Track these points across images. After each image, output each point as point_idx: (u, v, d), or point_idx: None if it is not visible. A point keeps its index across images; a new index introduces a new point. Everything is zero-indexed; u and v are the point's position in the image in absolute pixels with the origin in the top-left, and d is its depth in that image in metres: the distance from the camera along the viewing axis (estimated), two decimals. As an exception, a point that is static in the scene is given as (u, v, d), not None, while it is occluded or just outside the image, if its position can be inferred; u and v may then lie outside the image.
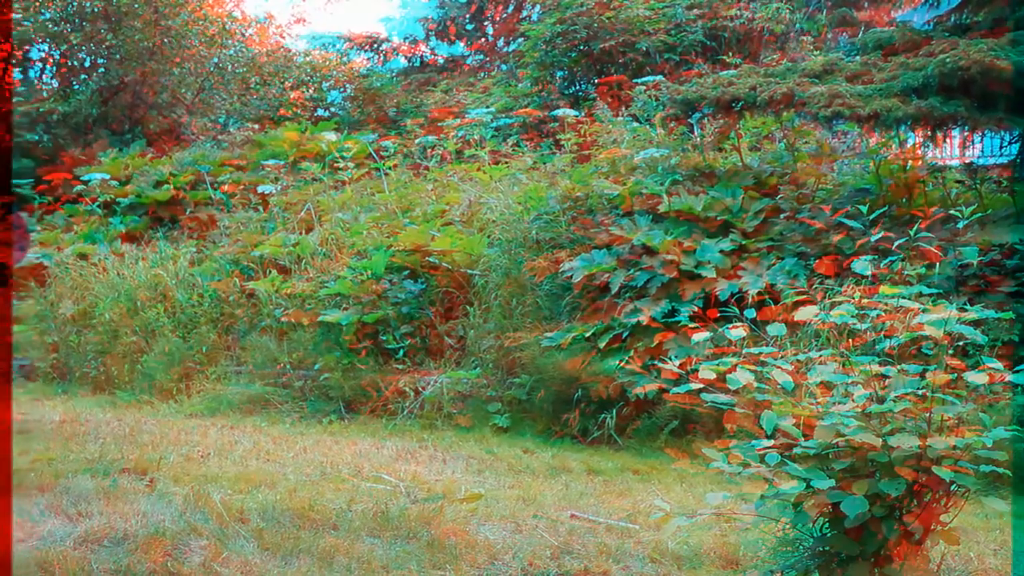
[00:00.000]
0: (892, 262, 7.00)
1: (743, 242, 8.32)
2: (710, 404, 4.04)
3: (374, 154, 13.18)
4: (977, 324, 4.12)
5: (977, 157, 10.61)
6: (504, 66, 18.96)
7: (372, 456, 7.07)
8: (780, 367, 3.98)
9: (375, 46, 21.49)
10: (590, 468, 6.88)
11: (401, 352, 9.30)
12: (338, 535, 4.84)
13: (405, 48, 21.72)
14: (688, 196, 8.74)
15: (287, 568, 4.38)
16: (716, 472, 4.11)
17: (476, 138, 12.65)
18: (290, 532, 4.85)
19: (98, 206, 13.65)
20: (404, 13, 23.46)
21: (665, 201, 8.75)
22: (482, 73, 19.64)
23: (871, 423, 3.68)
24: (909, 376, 3.81)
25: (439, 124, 13.93)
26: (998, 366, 3.83)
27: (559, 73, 15.66)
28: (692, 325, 7.54)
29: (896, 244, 6.63)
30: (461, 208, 10.71)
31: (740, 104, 8.56)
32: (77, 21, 17.47)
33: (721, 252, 8.18)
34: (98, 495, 5.51)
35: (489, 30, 21.23)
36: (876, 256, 6.76)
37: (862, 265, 4.93)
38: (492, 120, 13.44)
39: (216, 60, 18.27)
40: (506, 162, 11.68)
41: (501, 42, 20.64)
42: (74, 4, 17.44)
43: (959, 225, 7.41)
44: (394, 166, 12.66)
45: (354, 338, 9.43)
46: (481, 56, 21.20)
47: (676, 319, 7.79)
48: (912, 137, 9.15)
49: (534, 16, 19.28)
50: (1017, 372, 3.70)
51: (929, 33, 8.91)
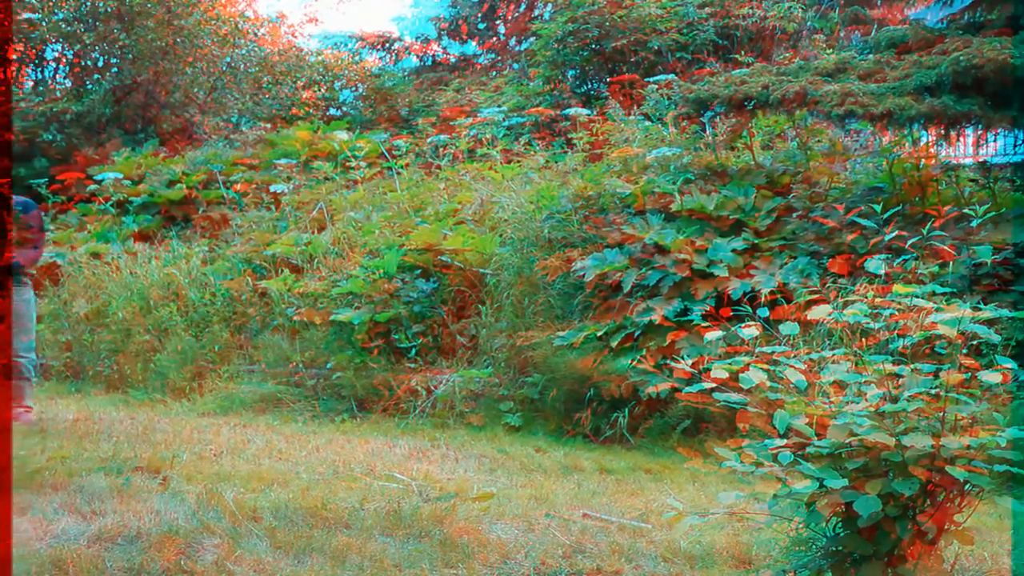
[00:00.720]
0: (905, 261, 6.98)
1: (755, 241, 8.30)
2: (722, 403, 4.03)
3: (386, 153, 13.19)
4: (991, 323, 4.10)
5: (991, 156, 10.56)
6: (516, 65, 18.96)
7: (384, 455, 7.08)
8: (793, 366, 3.97)
9: (387, 45, 21.50)
10: (602, 467, 6.87)
11: (413, 351, 9.30)
12: (350, 534, 4.84)
13: (417, 47, 21.74)
14: (700, 195, 8.73)
15: (300, 566, 4.39)
16: (729, 471, 4.10)
17: (488, 137, 12.66)
18: (303, 531, 4.86)
19: (111, 205, 13.69)
20: (416, 12, 23.47)
21: (677, 200, 8.73)
22: (494, 72, 19.66)
23: (884, 422, 3.67)
24: (923, 375, 3.79)
25: (451, 123, 13.94)
26: (1012, 365, 3.81)
27: (571, 72, 15.65)
28: (705, 324, 7.53)
29: (909, 243, 6.61)
30: (473, 207, 10.71)
31: (752, 103, 8.54)
32: (90, 21, 17.52)
33: (733, 251, 8.17)
34: (111, 493, 5.52)
35: (501, 29, 21.24)
36: (889, 255, 6.73)
37: (875, 264, 4.90)
38: (504, 119, 13.44)
39: (228, 59, 18.30)
40: (518, 161, 11.68)
41: (513, 41, 20.64)
42: (87, 4, 17.49)
43: (973, 224, 7.38)
44: (406, 165, 12.67)
45: (366, 337, 9.44)
46: (493, 55, 21.20)
47: (688, 318, 7.78)
48: (925, 135, 9.12)
49: (546, 15, 19.26)
50: (1031, 371, 3.68)
51: (942, 31, 8.88)
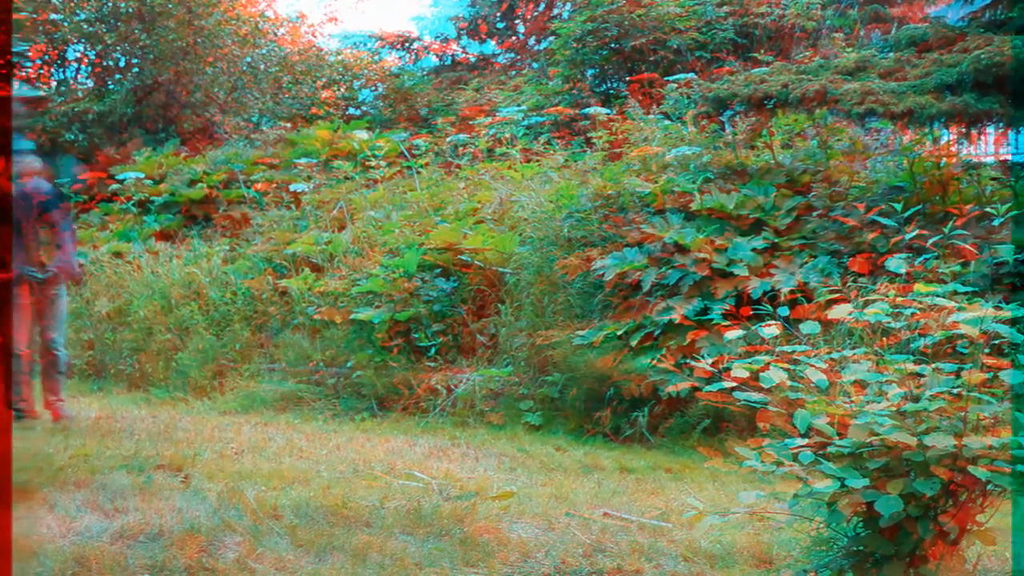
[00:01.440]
0: (926, 260, 6.95)
1: (775, 240, 8.28)
2: (743, 403, 4.02)
3: (406, 152, 13.21)
4: (1013, 322, 4.08)
5: (1013, 154, 10.50)
6: (535, 64, 18.94)
7: (405, 453, 7.09)
8: (814, 365, 3.96)
9: (406, 45, 21.52)
10: (622, 466, 6.87)
11: (433, 350, 9.31)
12: (371, 532, 4.85)
13: (436, 47, 21.74)
14: (720, 194, 8.71)
15: (320, 565, 4.40)
16: (749, 471, 4.09)
17: (507, 136, 12.66)
18: (323, 529, 4.87)
19: (132, 205, 13.75)
20: (435, 12, 23.46)
21: (697, 199, 8.72)
22: (513, 71, 19.64)
23: (906, 422, 3.65)
24: (944, 375, 3.78)
25: (470, 122, 13.94)
26: (1035, 364, 3.80)
27: (590, 71, 15.63)
28: (725, 323, 7.51)
29: (930, 242, 6.59)
30: (492, 206, 10.72)
31: (772, 101, 8.52)
32: (112, 21, 17.59)
33: (753, 250, 8.15)
34: (134, 491, 5.54)
35: (520, 28, 21.22)
36: (910, 254, 6.70)
37: (896, 263, 4.89)
38: (523, 118, 13.44)
39: (249, 59, 18.35)
40: (537, 160, 11.67)
41: (532, 40, 20.62)
42: (109, 5, 17.56)
43: (994, 223, 7.34)
44: (425, 164, 12.68)
45: (386, 336, 9.46)
46: (512, 54, 21.19)
47: (708, 317, 7.76)
48: (946, 134, 9.08)
49: (565, 14, 19.24)
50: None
51: (963, 29, 8.83)
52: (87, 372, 11.33)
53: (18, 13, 17.12)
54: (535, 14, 20.74)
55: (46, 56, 18.28)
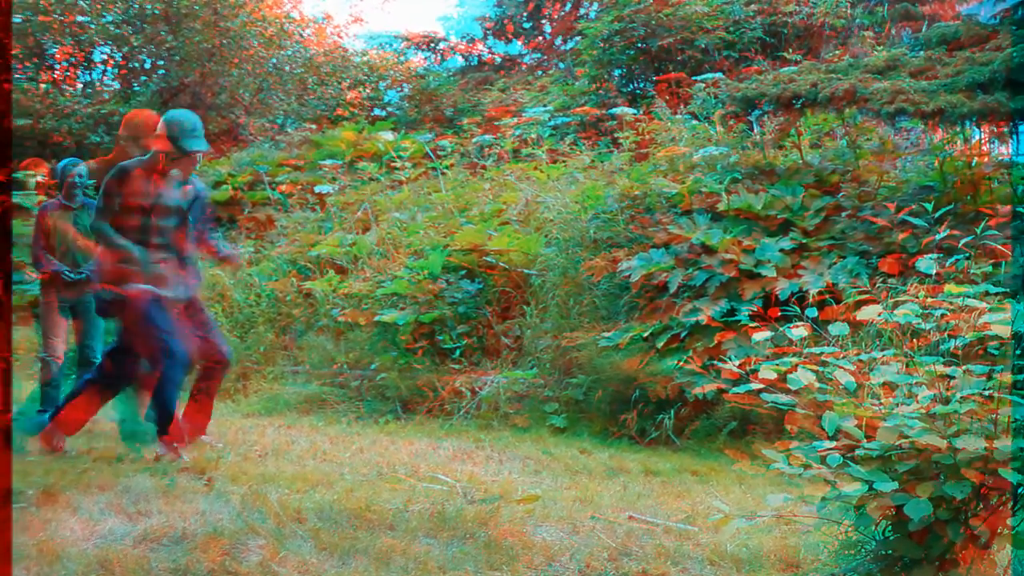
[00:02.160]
0: (957, 261, 6.89)
1: (804, 241, 8.24)
2: (770, 405, 4.00)
3: (431, 153, 13.23)
4: (1046, 323, 4.04)
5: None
6: (561, 64, 18.93)
7: (428, 456, 7.09)
8: (842, 367, 3.93)
9: (432, 45, 21.56)
10: (648, 469, 6.84)
11: (458, 352, 9.31)
12: (395, 535, 4.85)
13: (462, 47, 21.78)
14: (748, 194, 8.67)
15: (344, 568, 4.40)
16: (776, 474, 4.06)
17: (533, 137, 12.65)
18: (347, 532, 4.87)
19: (157, 206, 13.80)
20: (461, 12, 23.51)
21: (724, 199, 8.68)
22: (539, 71, 19.64)
23: (936, 424, 3.62)
24: (975, 376, 3.74)
25: (496, 123, 13.95)
26: (1068, 366, 3.76)
27: (617, 71, 15.61)
28: (752, 325, 7.48)
29: (962, 242, 6.52)
30: (518, 207, 10.71)
31: (801, 101, 8.48)
32: (138, 23, 17.71)
33: (781, 251, 8.10)
34: (157, 494, 5.56)
35: (547, 28, 21.22)
36: (941, 254, 6.65)
37: (927, 263, 4.85)
38: (549, 119, 13.43)
39: (274, 61, 18.43)
40: (563, 161, 11.66)
41: (559, 40, 20.62)
42: (135, 6, 17.68)
43: (1027, 222, 7.28)
44: (451, 165, 12.70)
45: (411, 338, 9.46)
46: (538, 54, 21.19)
47: (735, 319, 7.73)
48: (977, 133, 9.01)
49: (591, 14, 19.24)
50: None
51: (995, 27, 8.76)
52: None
53: (45, 15, 17.27)
54: (562, 14, 20.74)
55: (73, 58, 18.43)
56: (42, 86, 17.64)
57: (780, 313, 7.35)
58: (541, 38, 21.24)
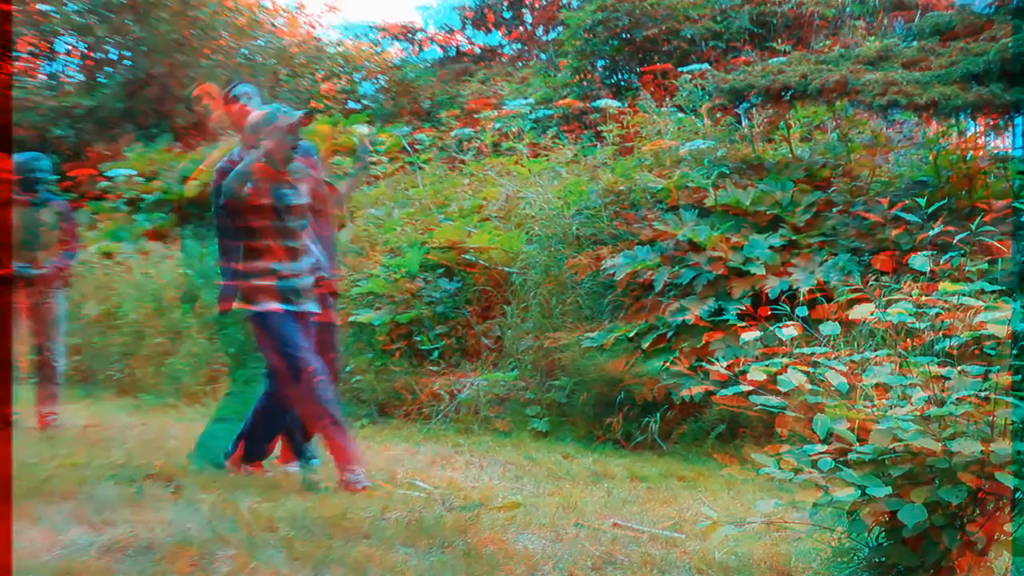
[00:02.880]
0: (952, 258, 6.91)
1: (794, 237, 8.25)
2: (760, 407, 3.99)
3: (408, 147, 13.20)
4: (1043, 322, 4.05)
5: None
6: (543, 55, 18.95)
7: (406, 462, 7.06)
8: (834, 368, 3.93)
9: (410, 35, 21.56)
10: (633, 474, 6.83)
11: (436, 353, 9.29)
12: (371, 544, 4.82)
13: (441, 37, 21.78)
14: (736, 189, 8.68)
15: (317, 578, 4.37)
16: (766, 479, 4.06)
17: (514, 130, 12.64)
18: (321, 541, 4.84)
19: (123, 203, 13.75)
20: (440, 1, 23.50)
21: (711, 195, 8.69)
22: (520, 63, 19.65)
23: (930, 427, 3.62)
24: (971, 377, 3.75)
25: (475, 116, 13.94)
26: (1066, 366, 3.76)
27: (600, 62, 15.63)
28: (741, 324, 7.48)
29: (957, 238, 6.55)
30: (498, 203, 10.70)
31: (790, 93, 8.49)
32: (103, 13, 17.63)
33: (771, 248, 8.12)
34: (123, 502, 5.52)
35: (528, 18, 21.23)
36: (935, 251, 6.67)
37: (920, 261, 4.86)
38: (531, 111, 13.42)
39: (245, 51, 18.38)
40: (545, 155, 11.65)
41: (540, 31, 20.64)
42: (100, -5, 17.62)
43: (1023, 218, 7.30)
44: (428, 160, 12.67)
45: (387, 339, 9.44)
46: (519, 45, 21.20)
47: (723, 318, 7.73)
48: (973, 126, 9.04)
49: (574, 3, 19.25)
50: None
51: (990, 16, 8.80)
52: (74, 378, 11.31)
53: (6, 3, 17.16)
54: (543, 3, 20.75)
55: (35, 49, 18.32)
56: (3, 77, 17.54)
57: (770, 312, 7.36)
58: (522, 28, 21.25)
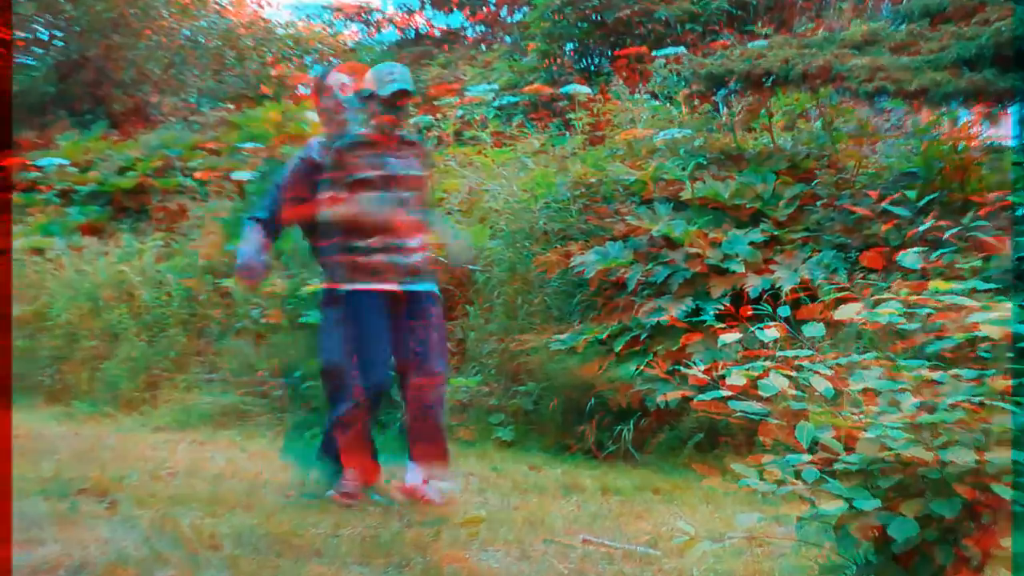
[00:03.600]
0: (944, 254, 6.95)
1: (776, 233, 8.27)
2: (740, 414, 3.99)
3: (363, 136, 13.14)
4: (1041, 323, 4.07)
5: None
6: (509, 38, 18.93)
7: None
8: (819, 372, 3.93)
9: (366, 16, 21.50)
10: (605, 486, 6.84)
11: (394, 357, 9.25)
12: (323, 563, 4.80)
13: (399, 19, 21.71)
14: (714, 181, 8.70)
15: (265, 600, 4.35)
16: (748, 491, 4.06)
17: (477, 118, 12.61)
18: (269, 560, 4.81)
19: (55, 195, 13.63)
20: (398, -20, 23.47)
21: (688, 187, 8.70)
22: (484, 46, 19.63)
23: (922, 435, 3.63)
24: (965, 382, 3.76)
25: (436, 103, 13.90)
26: (1065, 370, 3.78)
27: (569, 46, 15.62)
28: (720, 325, 7.49)
29: (948, 234, 6.60)
30: (460, 196, 10.68)
31: (772, 79, 8.52)
32: (32, -11, 17.48)
33: (751, 244, 8.13)
34: (53, 519, 5.47)
35: (491, -2, 21.22)
36: (926, 247, 6.71)
37: (910, 258, 4.88)
38: (495, 98, 13.40)
39: (188, 32, 18.28)
40: (511, 145, 11.63)
41: (505, 11, 20.61)
42: (29, -30, 17.47)
43: (1019, 212, 7.35)
44: (386, 149, 12.61)
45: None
46: (483, 27, 21.18)
47: (701, 319, 7.74)
48: (965, 114, 9.10)
49: (542, -18, 19.23)
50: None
51: (984, -2, 8.86)
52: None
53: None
54: (509, -18, 20.74)
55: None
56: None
57: (752, 312, 7.37)
58: (486, 9, 21.22)
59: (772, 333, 4.16)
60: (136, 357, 10.35)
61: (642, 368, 7.68)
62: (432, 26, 21.65)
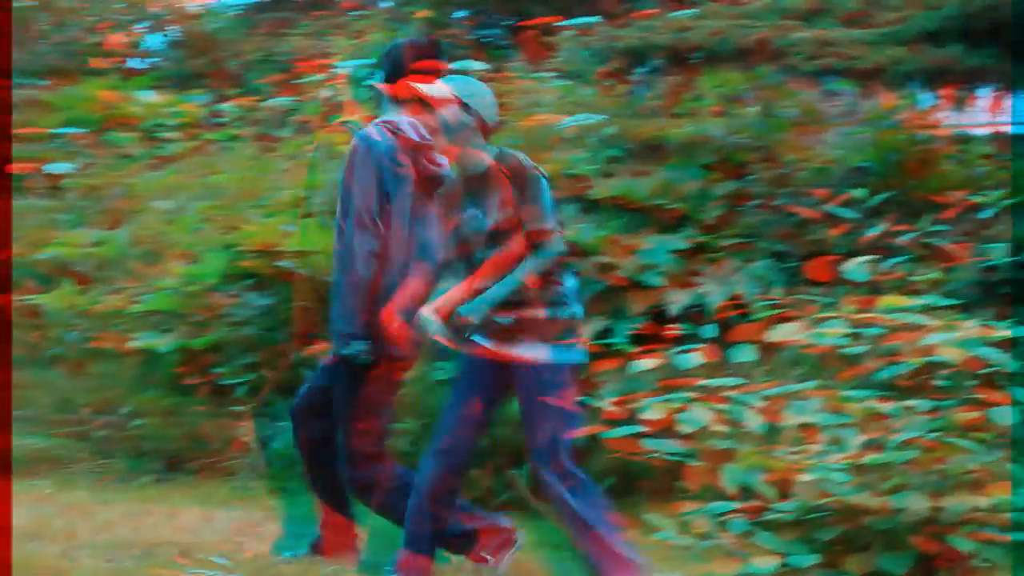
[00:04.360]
0: (898, 264, 7.06)
1: (703, 239, 8.34)
2: (658, 454, 4.02)
3: (209, 121, 13.07)
4: (1010, 345, 4.15)
5: (1012, 124, 10.75)
6: (388, 3, 18.93)
7: (202, 531, 7.00)
8: (750, 404, 3.97)
9: (213, -25, 21.35)
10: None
11: (242, 389, 9.19)
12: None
13: (254, -23, 21.62)
14: (631, 178, 8.74)
15: None
16: (667, 545, 4.09)
17: (349, 99, 12.58)
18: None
19: None
20: (253, -68, 23.37)
21: (598, 184, 8.74)
22: (357, 12, 19.60)
23: (869, 478, 3.68)
24: (919, 415, 3.82)
25: (299, 81, 13.85)
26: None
27: (460, 13, 15.65)
28: (636, 349, 7.53)
29: (903, 239, 6.71)
30: (327, 194, 10.64)
31: (700, 54, 8.60)
32: None
33: (674, 252, 8.19)
34: None
35: (368, -45, 21.22)
36: (878, 256, 6.80)
37: (857, 269, 4.95)
38: (371, 75, 13.39)
39: (-4, -7, 18.03)
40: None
41: (384, -28, 20.62)
42: None
43: (986, 214, 7.48)
44: (237, 137, 12.56)
45: (181, 371, 9.32)
46: (357, -10, 21.16)
47: (613, 341, 7.78)
48: (927, 98, 9.26)
49: (427, -63, 19.28)
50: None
51: (949, -38, 9.04)
52: None
53: None
54: (387, -63, 20.76)
55: None
56: None
57: (675, 334, 7.42)
58: (361, -32, 21.23)
59: (696, 358, 4.20)
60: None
61: (544, 400, 7.69)
62: (295, -12, 21.60)
